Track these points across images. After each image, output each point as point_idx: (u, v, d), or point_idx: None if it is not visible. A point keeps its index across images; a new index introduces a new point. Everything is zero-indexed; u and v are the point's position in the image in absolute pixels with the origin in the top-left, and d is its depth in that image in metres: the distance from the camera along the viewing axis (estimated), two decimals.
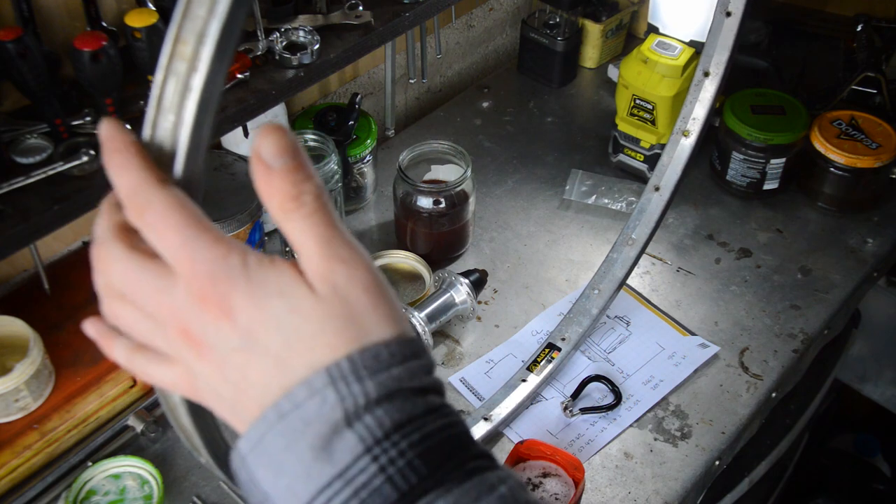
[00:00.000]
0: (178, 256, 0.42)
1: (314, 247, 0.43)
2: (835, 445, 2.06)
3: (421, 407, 0.42)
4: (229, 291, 0.42)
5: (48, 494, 1.07)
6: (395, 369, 0.42)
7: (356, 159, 1.40)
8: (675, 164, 1.17)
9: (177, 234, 0.42)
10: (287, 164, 0.42)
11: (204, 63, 0.42)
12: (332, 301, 0.42)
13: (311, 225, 0.42)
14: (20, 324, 1.08)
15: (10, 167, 0.91)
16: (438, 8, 1.22)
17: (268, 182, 0.42)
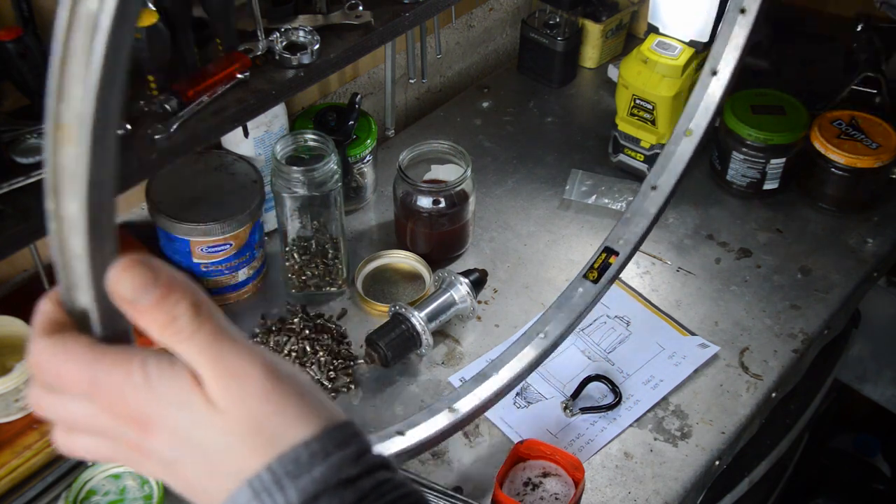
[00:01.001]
0: (89, 393, 0.44)
1: (204, 364, 0.43)
2: (835, 445, 2.06)
3: (349, 499, 0.43)
4: (142, 407, 0.43)
5: (48, 494, 1.07)
6: (317, 469, 0.43)
7: (356, 159, 1.40)
8: (674, 164, 1.15)
9: (78, 375, 0.44)
10: (152, 297, 0.42)
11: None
12: (233, 414, 0.43)
13: (194, 345, 0.43)
14: (20, 324, 1.08)
15: (10, 167, 0.91)
16: (438, 8, 1.22)
17: (141, 318, 0.43)
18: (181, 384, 0.43)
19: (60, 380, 0.44)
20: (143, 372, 0.43)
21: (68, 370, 0.44)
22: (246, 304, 1.31)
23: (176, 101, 1.00)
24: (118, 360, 0.44)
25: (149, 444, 0.44)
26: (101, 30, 0.40)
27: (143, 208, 1.31)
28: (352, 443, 0.44)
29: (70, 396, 0.45)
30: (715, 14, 1.36)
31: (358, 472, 0.43)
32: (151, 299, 0.42)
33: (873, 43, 1.58)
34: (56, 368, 0.44)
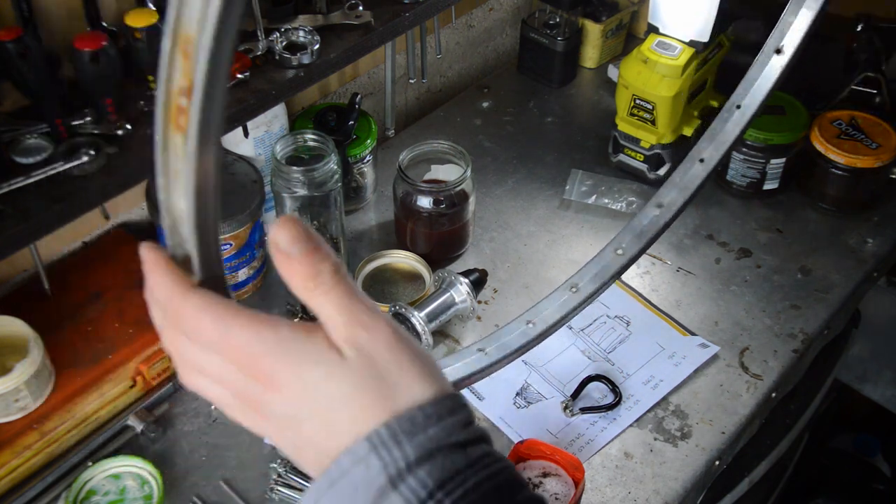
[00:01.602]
0: (220, 349, 0.47)
1: (336, 316, 0.47)
2: (835, 445, 2.06)
3: (461, 462, 0.45)
4: (272, 366, 0.46)
5: (48, 494, 1.07)
6: (431, 429, 0.45)
7: (356, 159, 1.40)
8: (762, 83, 1.08)
9: (212, 331, 0.47)
10: (303, 250, 0.47)
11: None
12: (359, 363, 0.46)
13: (331, 298, 0.47)
14: (20, 324, 1.08)
15: (10, 167, 0.91)
16: (438, 8, 1.22)
17: (288, 267, 0.47)
18: (314, 341, 0.47)
19: (194, 329, 0.47)
20: (275, 331, 0.46)
21: (203, 324, 0.47)
22: (246, 304, 1.30)
23: None
24: (251, 319, 0.47)
25: (270, 401, 0.47)
26: None
27: (143, 208, 1.31)
28: (461, 411, 0.47)
29: (201, 345, 0.48)
30: (715, 14, 1.36)
31: (466, 439, 0.46)
32: (303, 251, 0.46)
33: (873, 43, 1.58)
34: (192, 319, 0.47)
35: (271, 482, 1.09)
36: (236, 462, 1.12)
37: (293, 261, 0.47)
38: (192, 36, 0.42)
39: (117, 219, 1.31)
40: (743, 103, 1.11)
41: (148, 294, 0.51)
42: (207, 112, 0.44)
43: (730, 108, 1.10)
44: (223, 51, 0.42)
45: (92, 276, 1.22)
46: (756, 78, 1.12)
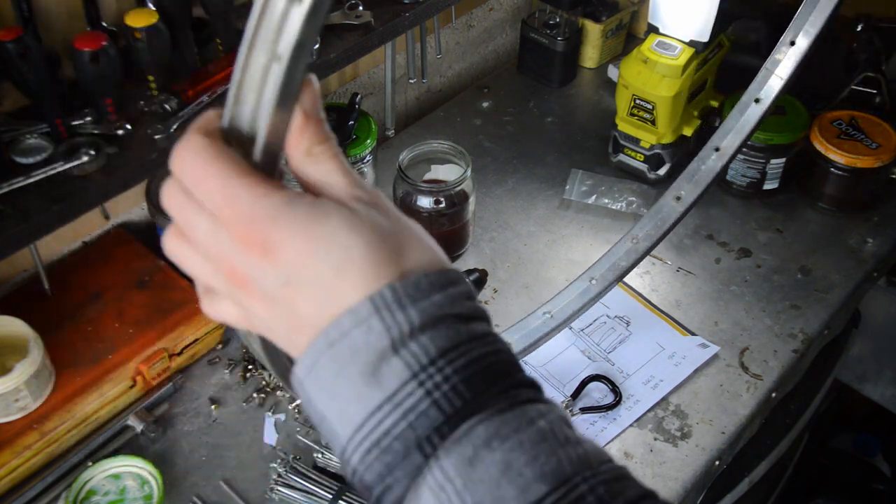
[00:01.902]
0: (217, 202, 0.43)
1: (342, 178, 0.46)
2: (835, 445, 2.06)
3: (465, 334, 0.44)
4: (270, 230, 0.43)
5: (48, 494, 1.07)
6: (436, 296, 0.44)
7: (356, 159, 1.40)
8: (740, 129, 1.15)
9: (215, 181, 0.43)
10: (321, 116, 0.46)
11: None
12: (370, 218, 0.45)
13: (336, 164, 0.46)
14: (20, 324, 1.08)
15: (10, 167, 0.91)
16: (438, 8, 1.22)
17: (304, 128, 0.46)
18: (323, 201, 0.45)
19: (198, 185, 0.44)
20: (284, 196, 0.44)
21: (209, 179, 0.44)
22: None
23: (176, 101, 1.00)
24: (262, 182, 0.44)
25: (263, 272, 0.44)
26: None
27: (143, 208, 1.31)
28: (463, 284, 0.46)
29: (199, 207, 0.44)
30: (715, 14, 1.36)
31: (469, 313, 0.46)
32: (321, 116, 0.46)
33: (873, 43, 1.58)
34: (199, 172, 0.44)
35: (271, 482, 1.09)
36: (236, 462, 1.12)
37: (311, 122, 0.46)
38: None
39: (117, 219, 1.31)
40: (722, 145, 1.16)
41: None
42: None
43: (708, 151, 1.16)
44: None
45: (92, 276, 1.22)
46: (733, 126, 1.16)
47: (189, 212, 0.45)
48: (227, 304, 0.47)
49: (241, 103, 0.45)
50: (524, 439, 0.43)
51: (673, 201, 1.16)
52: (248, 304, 0.45)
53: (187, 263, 0.47)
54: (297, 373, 0.45)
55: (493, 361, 0.45)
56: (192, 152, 0.44)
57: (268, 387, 1.20)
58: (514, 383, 0.45)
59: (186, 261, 0.47)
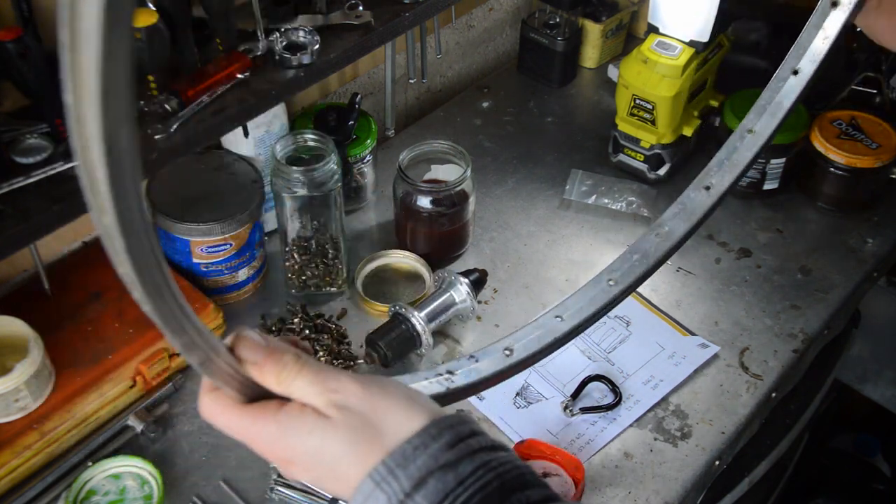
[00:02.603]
0: (244, 438, 0.59)
1: (311, 392, 0.55)
2: (835, 445, 2.06)
3: (451, 482, 0.51)
4: (282, 450, 0.56)
5: (48, 494, 1.07)
6: (420, 459, 0.52)
7: (356, 159, 1.40)
8: (774, 108, 1.06)
9: (234, 427, 0.58)
10: (265, 353, 0.56)
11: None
12: (344, 420, 0.54)
13: (302, 381, 0.56)
14: (20, 324, 1.08)
15: (10, 167, 0.91)
16: (438, 8, 1.22)
17: (260, 371, 0.56)
18: (306, 418, 0.55)
19: (224, 427, 0.59)
20: (276, 422, 0.55)
21: (226, 422, 0.58)
22: (246, 304, 1.31)
23: (176, 101, 1.00)
24: (258, 415, 0.56)
25: (292, 472, 0.57)
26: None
27: None
28: (445, 434, 0.54)
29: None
30: (715, 14, 1.36)
31: (456, 458, 0.52)
32: (265, 355, 0.56)
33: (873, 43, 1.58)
34: (219, 419, 0.58)
35: (271, 482, 1.09)
36: (236, 462, 1.12)
37: (260, 365, 0.56)
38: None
39: None
40: (755, 128, 1.09)
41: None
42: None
43: (741, 132, 1.08)
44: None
45: (92, 276, 1.22)
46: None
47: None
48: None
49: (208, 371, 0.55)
50: None
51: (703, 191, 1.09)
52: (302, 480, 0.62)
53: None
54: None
55: (484, 495, 0.51)
56: (207, 407, 0.59)
57: None
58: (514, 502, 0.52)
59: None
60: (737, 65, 1.53)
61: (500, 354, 0.89)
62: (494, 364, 0.90)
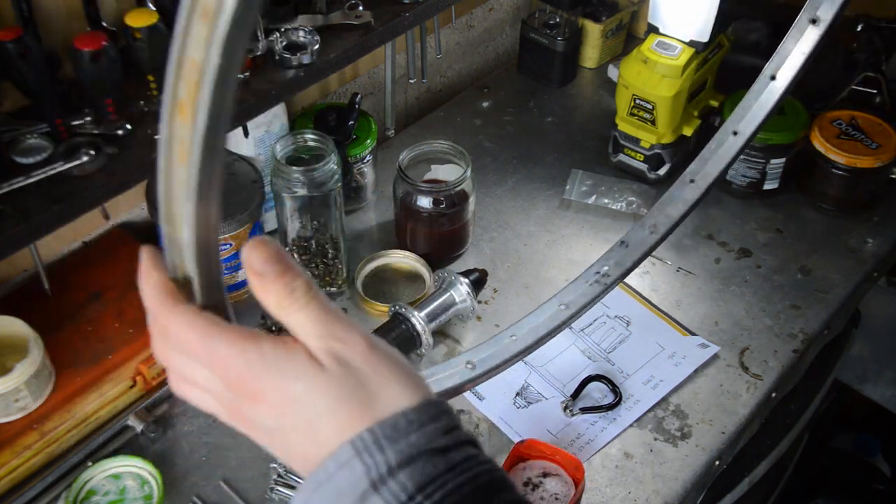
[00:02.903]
0: (207, 362, 0.49)
1: (313, 331, 0.49)
2: (835, 445, 2.06)
3: (441, 467, 0.47)
4: (254, 381, 0.48)
5: (48, 494, 1.07)
6: (413, 436, 0.47)
7: (356, 159, 1.40)
8: (756, 110, 1.12)
9: (198, 346, 0.49)
10: (277, 270, 0.48)
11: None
12: (339, 374, 0.48)
13: (306, 314, 0.49)
14: (20, 324, 1.08)
15: (10, 167, 0.91)
16: (438, 8, 1.22)
17: (263, 287, 0.48)
18: (294, 355, 0.48)
19: (182, 345, 0.49)
20: (258, 348, 0.48)
21: (189, 339, 0.49)
22: (246, 303, 1.31)
23: None
24: (235, 336, 0.48)
25: (255, 413, 0.49)
26: None
27: (143, 208, 1.31)
28: (443, 418, 0.49)
29: (189, 359, 0.50)
30: (715, 14, 1.36)
31: (448, 444, 0.48)
32: (276, 272, 0.48)
33: (873, 43, 1.58)
34: (179, 334, 0.49)
35: (271, 482, 1.09)
36: (236, 462, 1.12)
37: (267, 281, 0.48)
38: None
39: (117, 219, 1.31)
40: (738, 129, 1.14)
41: (143, 299, 0.52)
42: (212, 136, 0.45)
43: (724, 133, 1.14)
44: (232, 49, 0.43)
45: (92, 276, 1.22)
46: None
47: (184, 364, 0.51)
48: (237, 426, 0.52)
49: (172, 248, 0.50)
50: None
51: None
52: (254, 436, 0.51)
53: (197, 402, 0.52)
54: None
55: (471, 489, 0.47)
56: (167, 318, 0.50)
57: None
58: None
59: (196, 400, 0.52)
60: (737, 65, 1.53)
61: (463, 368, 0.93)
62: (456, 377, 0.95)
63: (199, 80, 0.43)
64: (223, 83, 0.43)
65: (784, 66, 1.12)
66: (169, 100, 0.44)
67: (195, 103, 0.44)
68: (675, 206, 1.10)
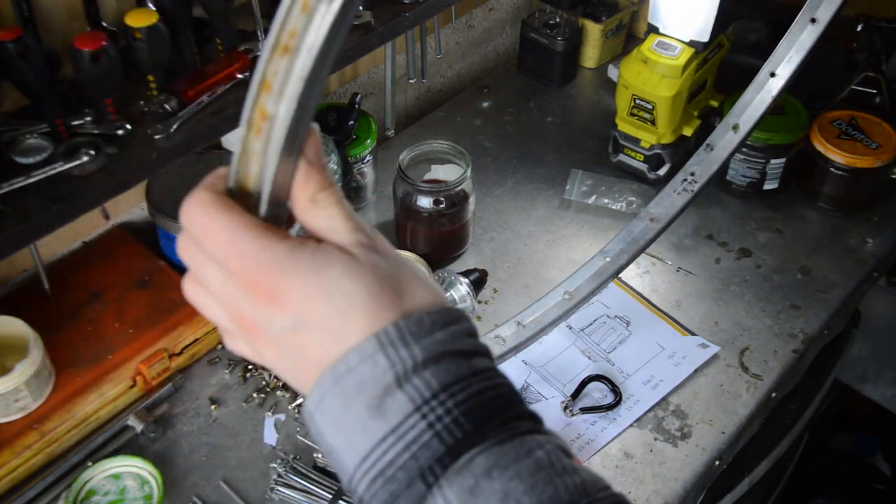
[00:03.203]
0: (225, 254, 0.46)
1: (344, 223, 0.48)
2: (835, 445, 2.06)
3: (466, 369, 0.46)
4: (276, 278, 0.46)
5: (48, 494, 1.07)
6: (438, 334, 0.47)
7: (356, 159, 1.40)
8: (710, 163, 1.19)
9: (222, 234, 0.46)
10: (322, 162, 0.49)
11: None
12: (372, 264, 0.47)
13: (339, 210, 0.48)
14: (20, 324, 1.08)
15: (10, 167, 0.91)
16: (438, 8, 1.22)
17: (308, 175, 0.48)
18: (326, 249, 0.47)
19: (205, 239, 0.47)
20: (287, 245, 0.46)
21: (213, 225, 0.46)
22: None
23: (176, 101, 1.00)
24: (266, 233, 0.46)
25: (270, 318, 0.46)
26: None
27: (143, 208, 1.31)
28: (463, 321, 0.49)
29: (207, 253, 0.47)
30: (715, 14, 1.36)
31: (471, 349, 0.48)
32: (322, 163, 0.49)
33: (873, 43, 1.58)
34: (206, 226, 0.47)
35: (271, 482, 1.09)
36: (236, 462, 1.12)
37: (314, 169, 0.48)
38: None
39: (117, 219, 1.31)
40: (695, 171, 1.21)
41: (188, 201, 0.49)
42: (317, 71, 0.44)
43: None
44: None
45: (92, 276, 1.22)
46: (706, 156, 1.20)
47: (201, 263, 0.48)
48: (242, 345, 0.50)
49: (247, 157, 0.48)
50: (523, 469, 0.45)
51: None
52: (258, 348, 0.49)
53: (203, 309, 0.50)
54: (307, 406, 0.48)
55: (493, 395, 0.47)
56: (198, 207, 0.47)
57: (268, 387, 1.20)
58: (513, 415, 0.48)
59: (203, 306, 0.50)
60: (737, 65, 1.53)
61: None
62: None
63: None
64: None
65: (783, 64, 1.15)
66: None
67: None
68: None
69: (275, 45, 0.45)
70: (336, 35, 0.44)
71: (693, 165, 1.24)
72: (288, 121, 0.46)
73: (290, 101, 0.45)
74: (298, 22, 0.44)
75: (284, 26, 0.44)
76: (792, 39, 1.14)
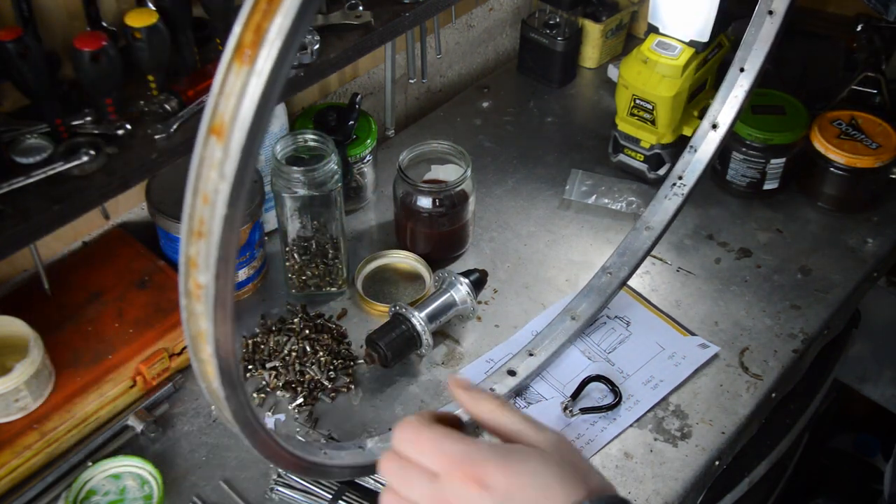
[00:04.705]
0: (436, 459, 0.60)
1: (524, 424, 0.63)
2: (835, 445, 2.06)
3: None
4: (483, 468, 0.58)
5: (48, 494, 1.07)
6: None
7: (356, 159, 1.40)
8: (699, 159, 1.23)
9: (431, 444, 0.61)
10: (479, 390, 0.66)
11: None
12: (558, 453, 0.60)
13: (515, 415, 0.64)
14: (20, 324, 1.08)
15: (10, 167, 0.92)
16: (438, 8, 1.22)
17: (475, 403, 0.65)
18: (517, 446, 0.62)
19: (416, 447, 0.61)
20: (488, 444, 0.60)
21: (426, 441, 0.61)
22: (246, 303, 1.31)
23: (176, 101, 1.00)
24: (466, 438, 0.61)
25: (480, 498, 0.58)
26: None
27: (143, 208, 1.31)
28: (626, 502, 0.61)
29: (415, 467, 0.61)
30: (715, 14, 1.36)
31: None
32: (480, 391, 0.66)
33: (873, 43, 1.58)
34: (417, 437, 0.61)
35: (271, 482, 1.09)
36: (236, 462, 1.12)
37: (479, 398, 0.65)
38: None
39: (117, 219, 1.31)
40: (684, 174, 1.27)
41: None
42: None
43: (666, 187, 1.26)
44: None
45: (92, 276, 1.22)
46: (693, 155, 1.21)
47: (406, 473, 0.61)
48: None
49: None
50: None
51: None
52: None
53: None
54: None
55: None
56: (409, 427, 0.62)
57: (268, 387, 1.20)
58: None
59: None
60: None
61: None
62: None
63: None
64: None
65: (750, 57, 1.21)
66: None
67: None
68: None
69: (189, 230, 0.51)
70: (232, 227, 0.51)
71: (680, 169, 1.25)
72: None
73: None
74: (204, 212, 0.51)
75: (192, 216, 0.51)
76: (754, 33, 1.19)
